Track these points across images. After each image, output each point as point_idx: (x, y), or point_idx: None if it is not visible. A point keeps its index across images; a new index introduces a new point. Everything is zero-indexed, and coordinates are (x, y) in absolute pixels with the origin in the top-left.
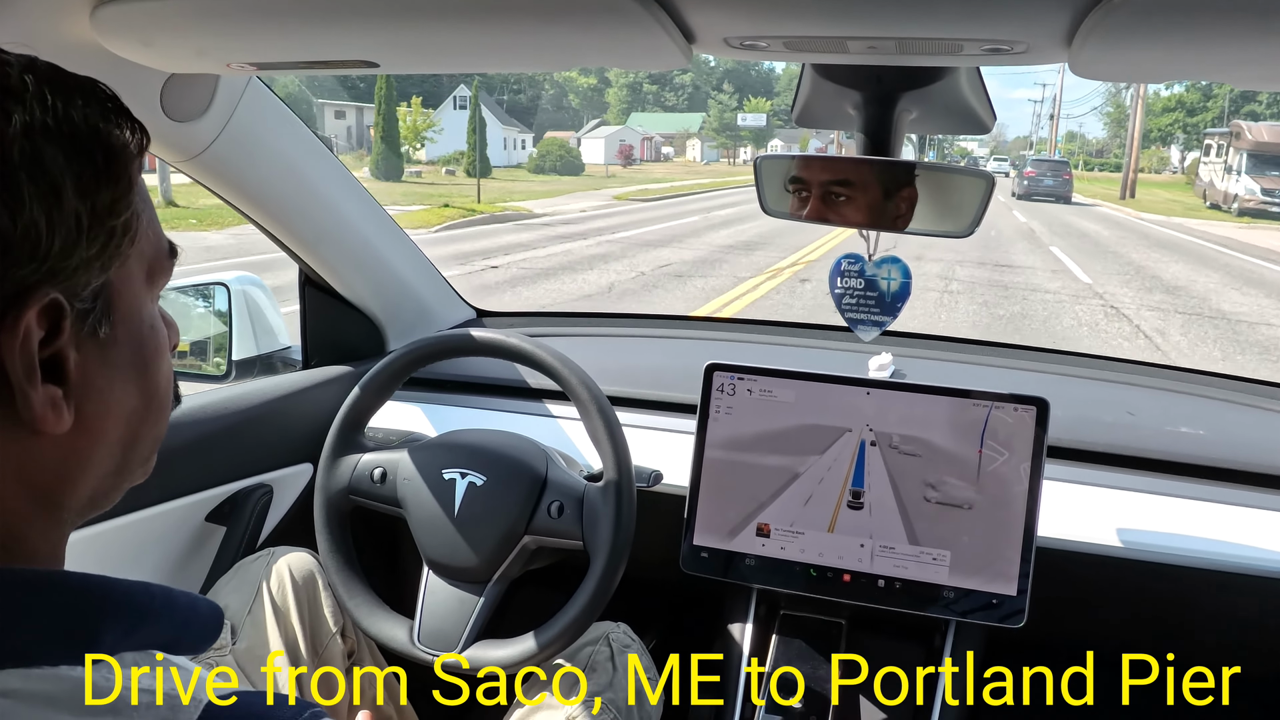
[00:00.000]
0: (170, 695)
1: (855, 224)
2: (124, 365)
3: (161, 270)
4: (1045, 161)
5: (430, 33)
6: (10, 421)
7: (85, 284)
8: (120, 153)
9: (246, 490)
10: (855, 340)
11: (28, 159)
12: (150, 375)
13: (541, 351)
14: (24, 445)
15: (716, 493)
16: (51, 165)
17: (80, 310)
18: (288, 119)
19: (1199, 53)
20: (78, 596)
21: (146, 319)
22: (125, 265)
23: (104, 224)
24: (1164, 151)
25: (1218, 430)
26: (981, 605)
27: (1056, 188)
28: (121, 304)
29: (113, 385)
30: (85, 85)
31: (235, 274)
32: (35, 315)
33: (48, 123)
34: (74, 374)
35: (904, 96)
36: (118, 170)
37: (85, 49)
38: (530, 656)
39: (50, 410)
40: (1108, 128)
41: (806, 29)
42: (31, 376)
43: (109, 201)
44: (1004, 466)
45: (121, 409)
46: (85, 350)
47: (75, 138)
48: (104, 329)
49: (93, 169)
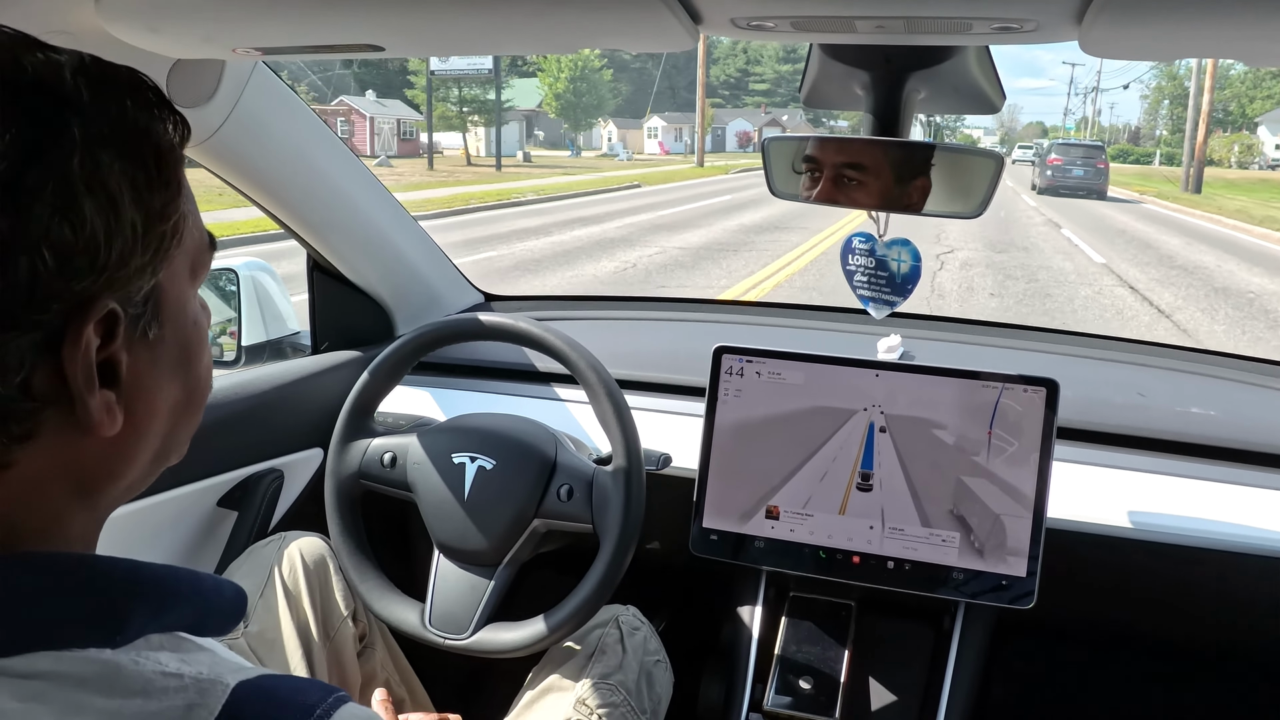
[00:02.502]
0: (198, 677)
1: (865, 206)
2: (171, 362)
3: (203, 264)
4: (1074, 145)
5: (435, 15)
6: (65, 423)
7: (138, 290)
8: (169, 154)
9: (258, 475)
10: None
11: (88, 170)
12: (194, 369)
13: (550, 336)
14: (74, 445)
15: (726, 475)
16: (109, 175)
17: (133, 315)
18: (294, 104)
19: (1214, 29)
20: (107, 580)
21: (191, 315)
22: (172, 265)
23: (155, 229)
24: (1249, 138)
25: (1229, 411)
26: (991, 587)
27: (1088, 179)
28: (168, 303)
29: (159, 383)
30: (132, 80)
31: (244, 259)
32: (94, 325)
33: (104, 131)
34: (125, 377)
35: (913, 76)
36: (168, 174)
37: (90, 35)
38: (540, 639)
39: (106, 414)
40: (1160, 104)
41: (814, 8)
42: (90, 385)
43: (160, 206)
44: (1014, 448)
45: (166, 404)
46: (135, 352)
47: (128, 143)
48: (153, 330)
49: (145, 174)
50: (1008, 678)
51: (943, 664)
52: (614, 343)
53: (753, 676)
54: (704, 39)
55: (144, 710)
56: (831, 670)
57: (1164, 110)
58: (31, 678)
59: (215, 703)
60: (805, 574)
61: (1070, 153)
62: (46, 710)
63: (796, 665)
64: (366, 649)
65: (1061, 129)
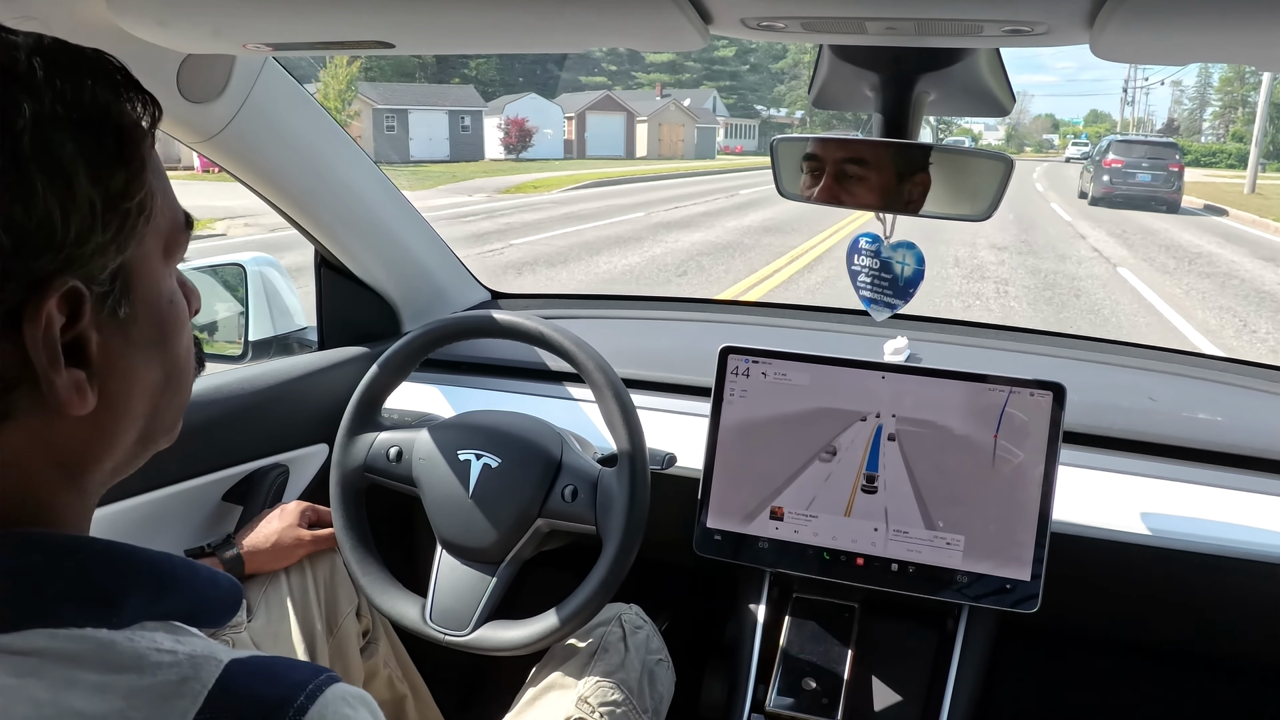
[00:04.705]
0: (192, 654)
1: (868, 206)
2: (145, 342)
3: (178, 243)
4: (1139, 143)
5: (446, 13)
6: (37, 403)
7: (102, 267)
8: (132, 132)
9: (263, 470)
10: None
11: (39, 149)
12: (171, 348)
13: (558, 335)
14: (50, 425)
15: (730, 475)
16: (62, 153)
17: (99, 293)
18: (304, 100)
19: (1227, 34)
20: (104, 562)
21: (166, 294)
22: (142, 244)
23: (118, 207)
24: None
25: (1236, 416)
26: (995, 590)
27: (1158, 186)
28: (140, 282)
29: (134, 362)
30: (94, 60)
31: (251, 255)
32: (55, 303)
33: (57, 110)
34: (96, 355)
35: (923, 78)
36: (129, 151)
37: (101, 29)
38: (539, 639)
39: (74, 393)
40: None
41: (824, 9)
42: (55, 363)
43: (122, 184)
44: (1020, 451)
45: (144, 384)
46: (106, 331)
47: (86, 122)
48: (124, 309)
49: (104, 153)
50: (1011, 681)
51: (946, 666)
52: (620, 341)
53: (755, 677)
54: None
55: (136, 685)
56: (834, 671)
57: (1214, 105)
58: (27, 654)
59: (209, 676)
60: (809, 575)
61: (1133, 151)
62: (40, 685)
63: (799, 666)
64: (370, 645)
65: (1068, 123)
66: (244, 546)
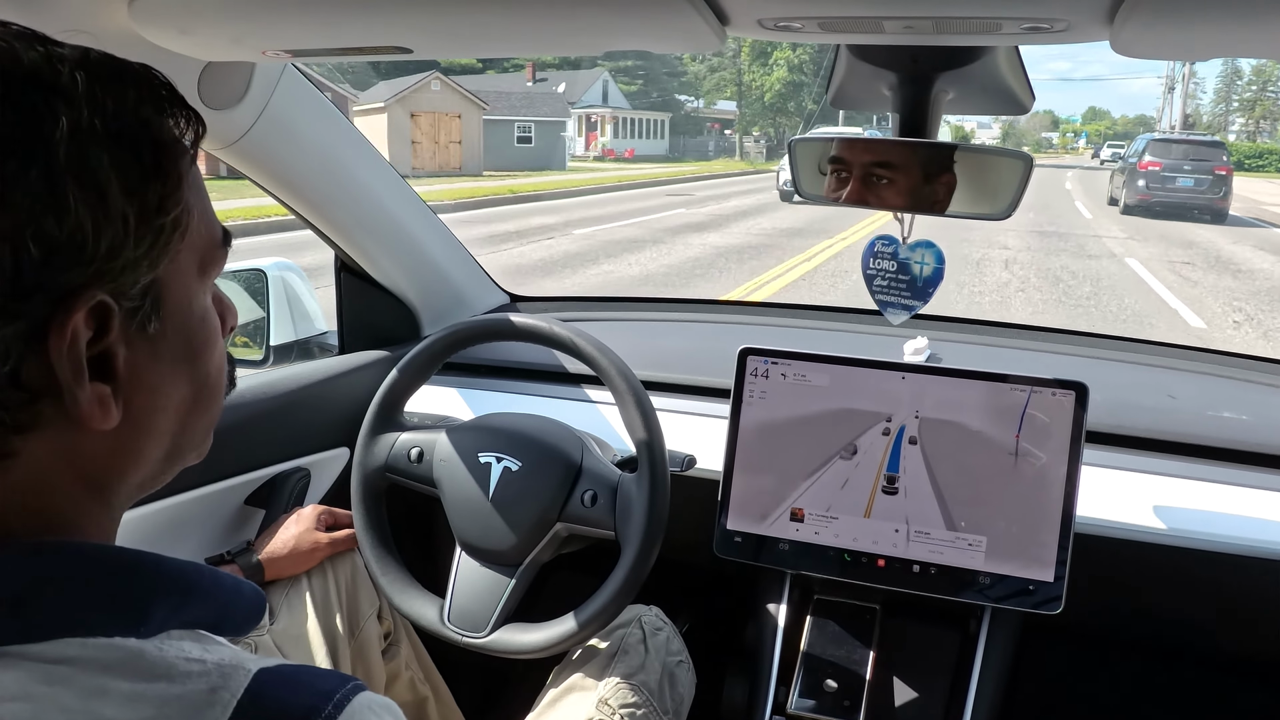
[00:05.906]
0: (220, 662)
1: (894, 207)
2: (174, 358)
3: (214, 260)
4: (1181, 142)
5: (464, 17)
6: (62, 416)
7: (133, 283)
8: (170, 148)
9: (285, 474)
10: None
11: (74, 161)
12: (201, 365)
13: (578, 338)
14: (76, 438)
15: (750, 477)
16: (97, 167)
17: (129, 308)
18: (323, 106)
19: (1250, 28)
20: (130, 571)
21: (198, 311)
22: (176, 260)
23: (152, 223)
24: None
25: (1260, 415)
26: (1017, 591)
27: (1202, 193)
28: (171, 298)
29: (162, 379)
30: (139, 75)
31: (272, 260)
32: (83, 317)
33: (95, 123)
34: (123, 371)
35: (941, 77)
36: (167, 166)
37: (123, 37)
38: (557, 643)
39: (98, 408)
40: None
41: (842, 9)
42: (79, 377)
43: (157, 199)
44: (1042, 451)
45: (171, 401)
46: (134, 346)
47: (123, 136)
48: (153, 324)
49: (140, 167)
50: (1034, 682)
51: (968, 668)
52: (639, 343)
53: (776, 678)
54: None
55: (167, 693)
56: (856, 673)
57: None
58: (58, 663)
59: (238, 686)
60: (829, 577)
61: (1173, 153)
62: (71, 693)
63: (821, 668)
64: (391, 647)
65: (1066, 120)
66: (263, 553)
